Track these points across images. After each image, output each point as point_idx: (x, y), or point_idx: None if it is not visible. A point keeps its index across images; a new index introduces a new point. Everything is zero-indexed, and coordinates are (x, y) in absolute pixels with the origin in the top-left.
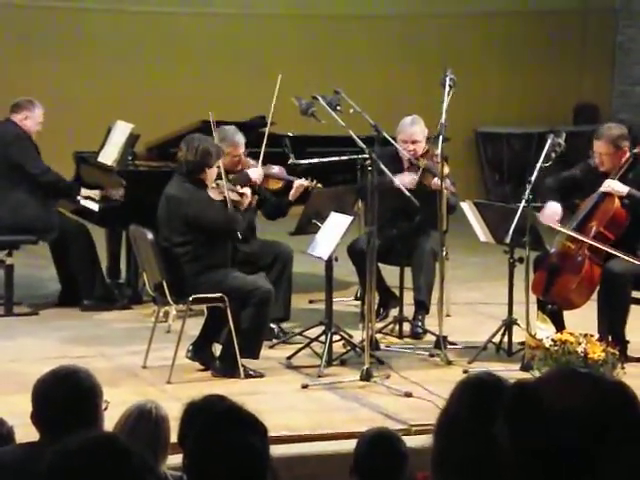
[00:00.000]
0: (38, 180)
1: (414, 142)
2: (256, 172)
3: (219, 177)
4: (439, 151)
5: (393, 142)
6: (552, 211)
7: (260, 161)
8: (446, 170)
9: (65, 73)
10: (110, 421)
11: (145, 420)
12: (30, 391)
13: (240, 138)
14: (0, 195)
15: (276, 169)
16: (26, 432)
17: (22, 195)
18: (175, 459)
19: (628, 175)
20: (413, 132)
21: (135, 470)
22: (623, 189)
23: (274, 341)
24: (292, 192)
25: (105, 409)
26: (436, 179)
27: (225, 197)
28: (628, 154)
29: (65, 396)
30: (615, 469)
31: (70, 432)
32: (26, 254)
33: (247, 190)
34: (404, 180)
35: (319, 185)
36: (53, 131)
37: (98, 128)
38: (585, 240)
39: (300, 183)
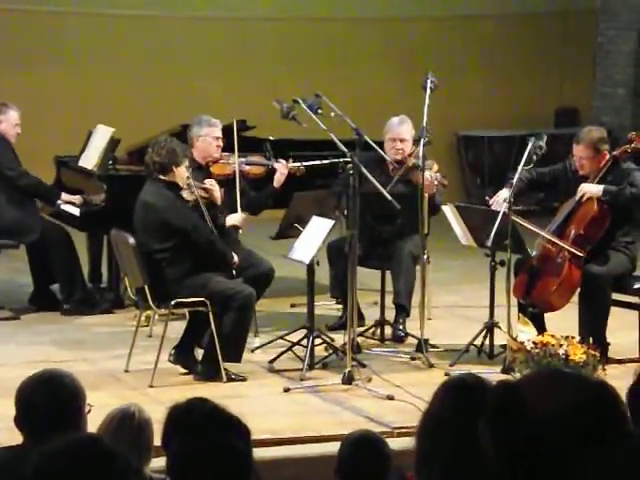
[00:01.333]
0: (15, 184)
1: (402, 140)
2: (232, 220)
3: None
4: (420, 154)
5: (374, 145)
6: (502, 198)
7: (236, 151)
8: (435, 167)
9: (45, 77)
10: (93, 424)
11: (128, 423)
12: (12, 395)
13: (217, 121)
14: None
15: (255, 157)
16: (8, 436)
17: (1, 198)
18: (158, 462)
19: (607, 178)
20: (401, 131)
21: (120, 471)
22: (598, 189)
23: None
24: (276, 177)
25: (88, 412)
26: (426, 173)
27: (197, 197)
28: (607, 157)
29: (48, 399)
30: (598, 468)
31: (54, 435)
32: (7, 258)
33: (211, 181)
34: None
35: (302, 167)
36: (33, 135)
37: (79, 132)
38: (562, 244)
39: (282, 167)
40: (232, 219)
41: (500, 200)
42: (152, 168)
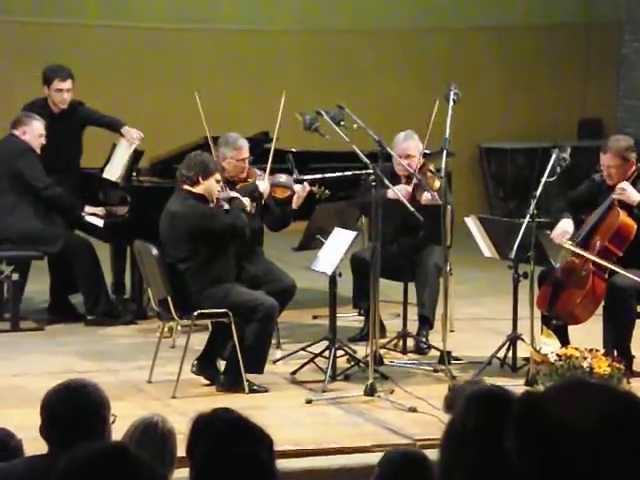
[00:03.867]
0: (41, 194)
1: (407, 157)
2: (263, 185)
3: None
4: (443, 166)
5: (397, 158)
6: (562, 230)
7: (267, 174)
8: (437, 185)
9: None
10: (116, 435)
11: (151, 433)
12: (36, 406)
13: (243, 142)
14: (7, 208)
15: (284, 178)
16: (32, 446)
17: (27, 207)
18: (182, 473)
19: (636, 186)
20: (406, 147)
21: (146, 479)
22: (636, 197)
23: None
24: (294, 199)
25: (112, 422)
26: (426, 193)
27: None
28: (635, 167)
29: (73, 409)
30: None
31: (79, 445)
32: (32, 269)
33: (246, 199)
34: (400, 190)
35: (327, 192)
36: None
37: (103, 144)
38: (589, 257)
39: (301, 189)
40: (261, 184)
41: (559, 231)
42: (180, 180)
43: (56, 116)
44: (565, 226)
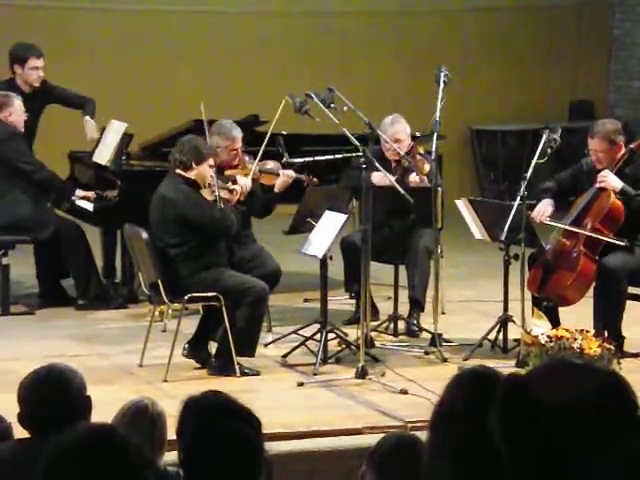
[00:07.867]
0: (32, 177)
1: (397, 141)
2: (243, 180)
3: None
4: (434, 148)
5: (387, 139)
6: (542, 209)
7: (257, 160)
8: (426, 168)
9: (58, 72)
10: (107, 418)
11: (141, 416)
12: None
13: (237, 132)
14: None
15: (271, 164)
16: (22, 430)
17: (16, 194)
18: (172, 455)
19: (625, 170)
20: (394, 131)
21: (133, 461)
22: (617, 184)
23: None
24: (277, 183)
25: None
26: (412, 175)
27: (216, 196)
28: (624, 149)
29: (50, 394)
30: (610, 459)
31: (60, 429)
32: (22, 253)
33: (237, 187)
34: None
35: (315, 180)
36: (48, 130)
37: None
38: (580, 231)
39: (286, 175)
40: (241, 180)
41: (539, 209)
42: (173, 164)
43: (28, 96)
44: (545, 205)
